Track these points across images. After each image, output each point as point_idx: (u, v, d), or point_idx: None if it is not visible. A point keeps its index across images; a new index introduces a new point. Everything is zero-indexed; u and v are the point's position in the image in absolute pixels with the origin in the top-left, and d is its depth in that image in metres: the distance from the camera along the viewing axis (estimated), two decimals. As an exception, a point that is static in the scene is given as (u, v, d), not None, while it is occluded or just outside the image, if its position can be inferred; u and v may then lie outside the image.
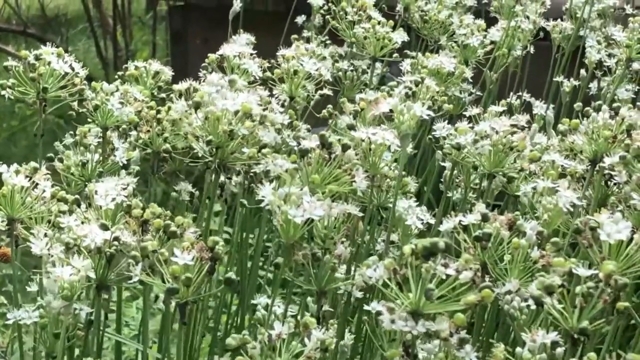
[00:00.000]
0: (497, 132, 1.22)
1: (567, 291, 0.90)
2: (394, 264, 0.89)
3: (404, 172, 1.37)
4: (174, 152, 1.34)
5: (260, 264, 1.93)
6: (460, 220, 1.06)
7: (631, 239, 0.92)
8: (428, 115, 1.13)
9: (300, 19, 2.03)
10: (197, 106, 1.21)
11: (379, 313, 0.88)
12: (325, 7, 1.89)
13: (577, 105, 1.29)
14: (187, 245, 0.98)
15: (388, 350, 0.93)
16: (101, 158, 1.38)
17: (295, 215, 1.00)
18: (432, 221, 1.30)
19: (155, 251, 0.99)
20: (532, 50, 1.94)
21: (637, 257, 0.92)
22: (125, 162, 1.37)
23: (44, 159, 1.35)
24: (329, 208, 1.02)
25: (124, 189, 1.13)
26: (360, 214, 1.17)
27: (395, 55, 1.66)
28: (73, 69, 1.34)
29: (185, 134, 1.26)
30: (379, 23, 1.60)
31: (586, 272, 0.89)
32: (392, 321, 0.87)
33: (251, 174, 1.41)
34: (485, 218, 1.06)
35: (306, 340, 0.98)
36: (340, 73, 1.79)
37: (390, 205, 1.33)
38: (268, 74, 1.43)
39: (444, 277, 0.87)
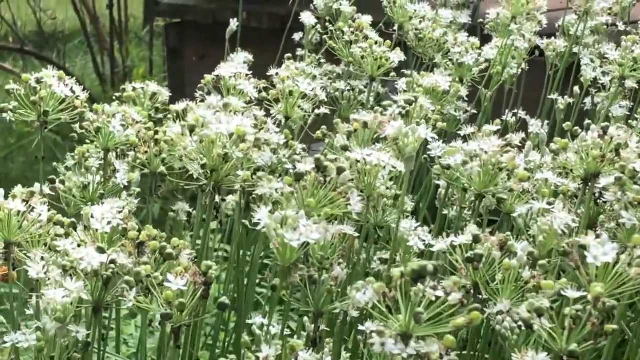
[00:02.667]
0: (486, 153, 1.23)
1: (557, 313, 0.91)
2: (384, 288, 0.90)
3: (399, 192, 1.38)
4: (171, 172, 1.35)
5: (258, 281, 1.94)
6: (452, 241, 1.07)
7: (618, 260, 0.93)
8: (432, 137, 1.14)
9: (297, 36, 2.04)
10: (192, 129, 1.22)
11: (371, 334, 0.89)
12: (320, 27, 1.90)
13: (567, 125, 1.30)
14: (180, 271, 0.99)
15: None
16: (102, 180, 1.39)
17: (292, 239, 1.01)
18: (432, 241, 1.31)
19: (149, 275, 1.01)
20: (527, 67, 1.95)
21: (626, 278, 0.93)
22: (127, 184, 1.38)
23: (43, 177, 1.36)
24: (325, 231, 1.03)
25: (120, 212, 1.14)
26: (356, 234, 1.18)
27: (392, 74, 1.68)
28: (74, 92, 1.35)
29: (181, 156, 1.27)
30: (376, 43, 1.62)
31: (575, 294, 0.90)
32: (382, 344, 0.88)
33: (250, 193, 1.42)
34: (476, 239, 1.07)
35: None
36: (337, 93, 1.80)
37: (387, 224, 1.34)
38: (264, 94, 1.44)
39: (433, 299, 0.88)
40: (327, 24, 1.82)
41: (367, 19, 1.68)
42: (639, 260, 0.93)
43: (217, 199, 1.51)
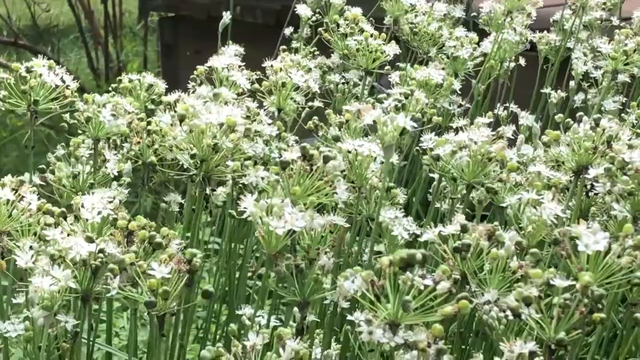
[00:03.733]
0: (475, 143, 1.23)
1: (545, 303, 0.91)
2: (372, 276, 0.90)
3: (392, 184, 1.38)
4: (163, 163, 1.35)
5: (250, 274, 1.93)
6: (440, 231, 1.07)
7: (609, 249, 0.93)
8: (412, 126, 1.13)
9: (287, 31, 2.04)
10: (181, 119, 1.21)
11: (359, 323, 0.89)
12: (314, 19, 1.90)
13: (559, 116, 1.30)
14: (164, 258, 0.99)
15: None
16: (92, 170, 1.38)
17: (277, 226, 1.01)
18: (419, 232, 1.31)
19: (133, 264, 1.00)
20: (522, 62, 1.95)
21: (616, 267, 0.93)
22: (117, 174, 1.38)
23: (34, 170, 1.36)
24: (310, 219, 1.03)
25: (110, 202, 1.14)
26: (347, 225, 1.18)
27: (387, 67, 1.67)
28: (64, 82, 1.35)
29: (170, 146, 1.26)
30: (371, 36, 1.61)
31: (563, 283, 0.89)
32: (370, 332, 0.88)
33: (240, 185, 1.41)
34: (464, 229, 1.07)
35: (281, 351, 0.98)
36: (331, 85, 1.80)
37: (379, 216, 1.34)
38: (256, 85, 1.44)
39: (422, 287, 0.87)
40: (317, 15, 1.82)
41: (357, 11, 1.68)
42: (630, 250, 0.92)
43: (207, 189, 1.50)
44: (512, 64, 1.92)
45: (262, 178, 1.10)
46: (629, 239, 0.93)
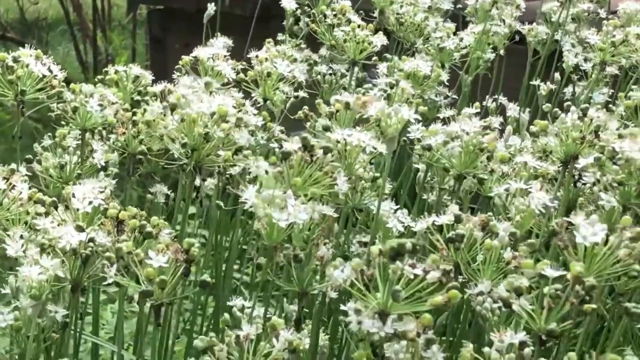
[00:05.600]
0: (467, 134, 1.23)
1: (536, 294, 0.91)
2: (361, 265, 0.89)
3: (378, 174, 1.38)
4: (149, 154, 1.34)
5: (236, 266, 1.93)
6: (434, 221, 1.07)
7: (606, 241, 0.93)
8: (415, 118, 1.13)
9: (273, 24, 2.04)
10: (173, 108, 1.21)
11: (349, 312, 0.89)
12: (300, 11, 1.90)
13: (546, 106, 1.30)
14: (162, 247, 0.99)
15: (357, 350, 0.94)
16: (79, 160, 1.38)
17: (280, 218, 1.00)
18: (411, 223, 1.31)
19: (130, 252, 1.00)
20: (505, 53, 1.95)
21: (612, 260, 0.92)
22: (104, 164, 1.37)
23: (21, 161, 1.35)
24: (312, 211, 1.02)
25: (101, 192, 1.14)
26: (335, 215, 1.17)
27: (374, 58, 1.67)
28: (51, 71, 1.34)
29: (161, 135, 1.26)
30: (358, 26, 1.61)
31: (554, 273, 0.89)
32: (360, 322, 0.87)
33: (227, 176, 1.41)
34: (458, 219, 1.06)
35: (274, 341, 0.98)
36: (319, 77, 1.80)
37: (365, 206, 1.33)
38: (242, 75, 1.43)
39: (412, 277, 0.87)
40: (306, 7, 1.82)
41: (346, 3, 1.68)
42: (628, 242, 0.92)
43: (198, 179, 1.50)
44: (499, 55, 1.92)
45: (263, 168, 1.09)
46: (627, 231, 0.93)
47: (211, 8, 1.98)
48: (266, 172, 1.09)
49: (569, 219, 0.95)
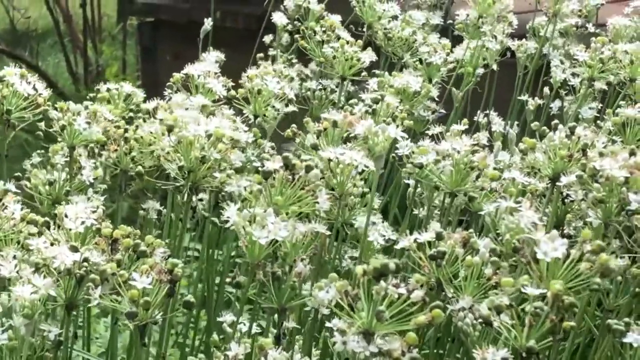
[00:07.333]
0: (458, 152, 1.24)
1: (516, 311, 0.92)
2: (346, 286, 0.90)
3: (367, 189, 1.38)
4: (144, 171, 1.35)
5: (229, 280, 1.94)
6: (415, 239, 1.08)
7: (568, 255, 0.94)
8: (402, 136, 1.14)
9: (267, 38, 2.05)
10: (170, 129, 1.22)
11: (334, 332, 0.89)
12: (291, 27, 1.91)
13: (535, 124, 1.31)
14: (146, 269, 0.99)
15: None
16: (68, 177, 1.38)
17: (260, 236, 1.01)
18: (395, 237, 1.31)
19: (114, 274, 1.00)
20: (497, 69, 1.96)
21: (575, 272, 0.93)
22: (93, 181, 1.37)
23: (11, 177, 1.35)
24: (293, 229, 1.03)
25: (94, 212, 1.14)
26: (328, 232, 1.18)
27: (363, 74, 1.68)
28: (36, 90, 1.34)
29: (158, 156, 1.27)
30: (347, 42, 1.62)
31: (535, 291, 0.90)
32: (344, 342, 0.88)
33: (219, 192, 1.42)
34: (439, 236, 1.07)
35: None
36: (309, 92, 1.80)
37: (355, 221, 1.34)
38: (233, 92, 1.44)
39: (396, 296, 0.88)
40: (296, 22, 1.83)
41: (336, 19, 1.69)
42: (589, 255, 0.93)
43: (194, 199, 1.51)
44: (490, 71, 1.93)
45: (244, 187, 1.11)
46: (587, 244, 0.94)
47: (207, 23, 1.98)
48: (245, 189, 1.11)
49: (530, 235, 0.96)
